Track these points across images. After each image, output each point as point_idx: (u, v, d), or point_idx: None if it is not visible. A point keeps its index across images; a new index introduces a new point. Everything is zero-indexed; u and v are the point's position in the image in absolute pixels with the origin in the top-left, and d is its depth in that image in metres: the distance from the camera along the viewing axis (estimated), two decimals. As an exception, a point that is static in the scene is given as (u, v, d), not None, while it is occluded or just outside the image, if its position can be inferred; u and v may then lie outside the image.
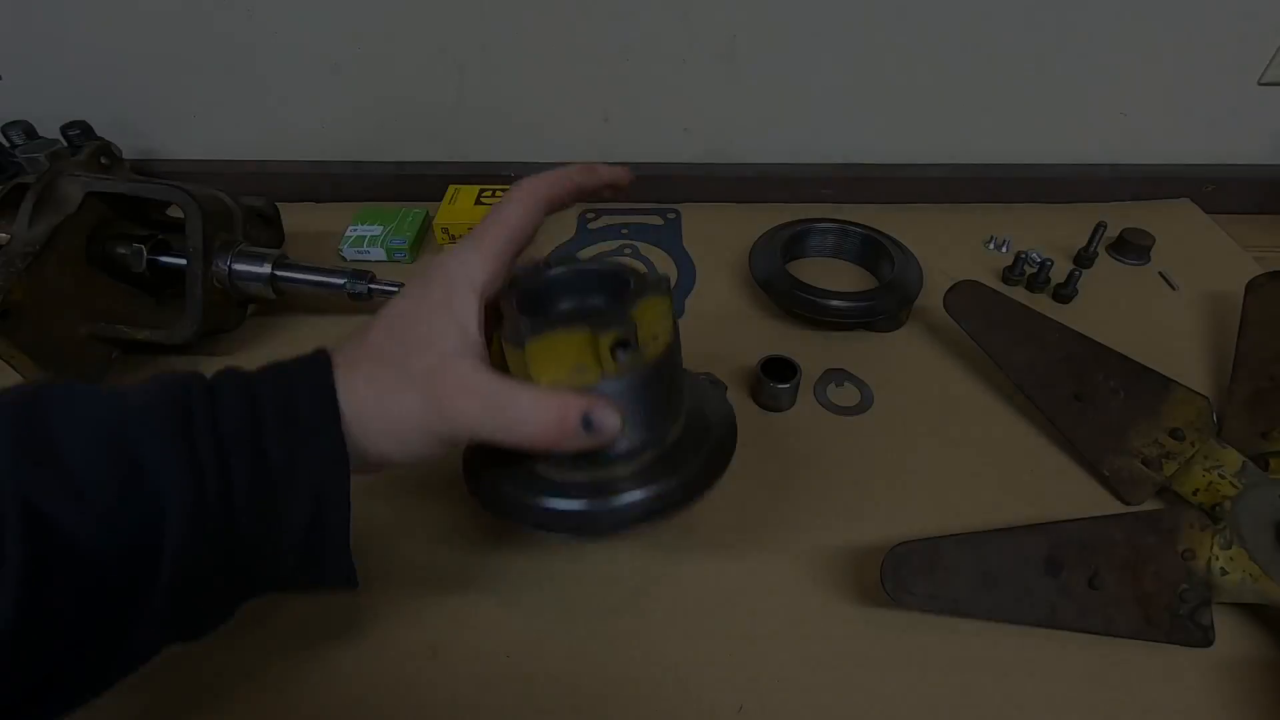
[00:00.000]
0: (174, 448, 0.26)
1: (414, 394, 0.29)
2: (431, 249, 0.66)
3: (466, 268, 0.31)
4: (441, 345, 0.30)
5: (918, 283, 0.58)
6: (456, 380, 0.29)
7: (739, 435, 0.37)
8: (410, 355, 0.30)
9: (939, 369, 0.54)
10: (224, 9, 0.64)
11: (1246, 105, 0.68)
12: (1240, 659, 0.37)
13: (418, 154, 0.74)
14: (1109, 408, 0.46)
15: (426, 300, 0.31)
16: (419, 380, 0.29)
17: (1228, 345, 0.52)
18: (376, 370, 0.30)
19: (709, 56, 0.66)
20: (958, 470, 0.47)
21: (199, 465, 0.26)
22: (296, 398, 0.29)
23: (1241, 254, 0.66)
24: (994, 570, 0.37)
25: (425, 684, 0.36)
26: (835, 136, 0.72)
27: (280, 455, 0.27)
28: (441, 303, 0.30)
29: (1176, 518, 0.39)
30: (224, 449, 0.27)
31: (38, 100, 0.69)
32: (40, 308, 0.48)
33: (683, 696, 0.36)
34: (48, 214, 0.50)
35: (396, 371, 0.30)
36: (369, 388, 0.29)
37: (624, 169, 0.36)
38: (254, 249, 0.55)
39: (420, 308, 0.31)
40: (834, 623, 0.39)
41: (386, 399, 0.29)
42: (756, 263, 0.60)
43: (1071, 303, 0.60)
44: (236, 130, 0.73)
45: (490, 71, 0.68)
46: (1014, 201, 0.72)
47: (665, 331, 0.32)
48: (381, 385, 0.30)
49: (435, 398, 0.29)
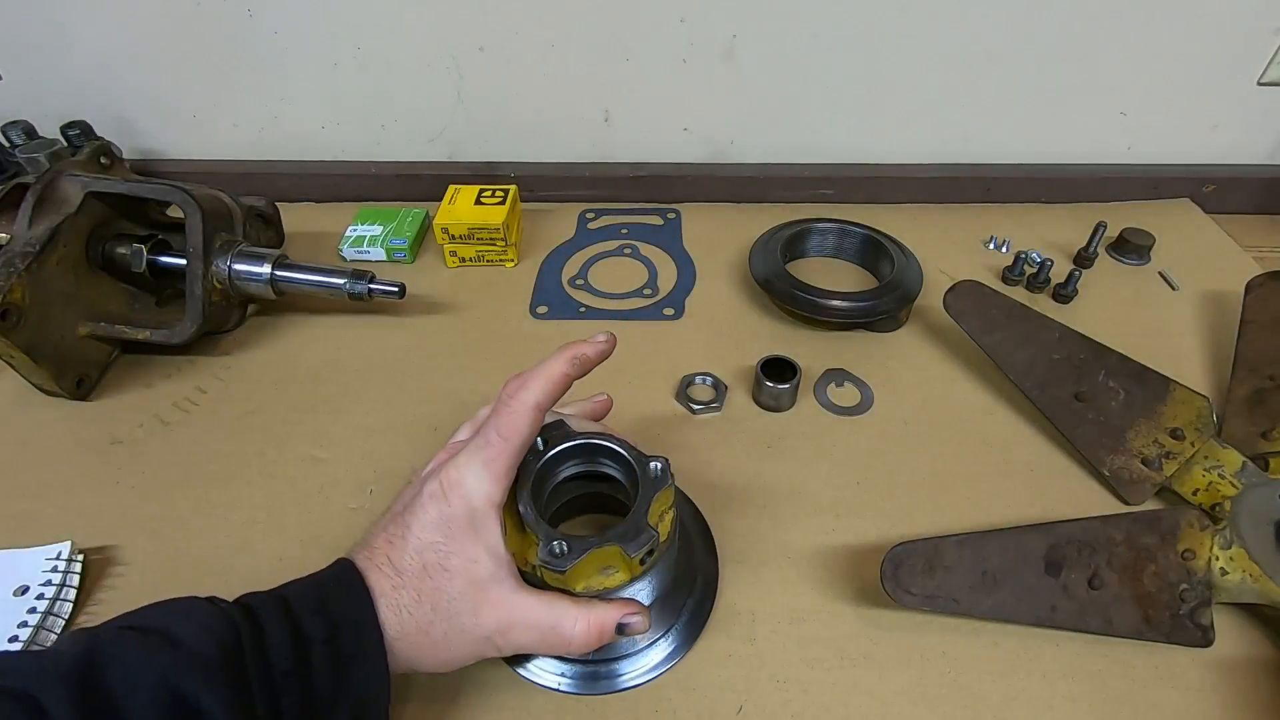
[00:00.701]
0: (228, 695, 0.27)
1: (467, 643, 0.32)
2: (431, 249, 0.66)
3: (484, 487, 0.32)
4: (476, 571, 0.32)
5: (918, 283, 0.58)
6: (508, 614, 0.32)
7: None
8: (455, 601, 0.31)
9: (939, 369, 0.54)
10: (224, 9, 0.64)
11: (1246, 105, 0.68)
12: (1240, 659, 0.37)
13: (418, 154, 0.74)
14: (1109, 408, 0.46)
15: (453, 526, 0.32)
16: (469, 631, 0.32)
17: (1228, 345, 0.52)
18: (418, 609, 0.31)
19: (709, 56, 0.66)
20: (958, 470, 0.47)
21: (251, 707, 0.27)
22: (340, 630, 0.30)
23: (1241, 254, 0.66)
24: (994, 570, 0.37)
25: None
26: (835, 136, 0.72)
27: (326, 686, 0.29)
28: (467, 527, 0.32)
29: (1176, 518, 0.39)
30: (274, 689, 0.28)
31: (38, 100, 0.69)
32: (40, 308, 0.48)
33: (683, 696, 0.36)
34: (48, 214, 0.50)
35: (446, 622, 0.31)
36: (412, 620, 0.31)
37: (608, 337, 0.36)
38: (254, 249, 0.55)
39: (449, 537, 0.32)
40: (834, 622, 0.39)
41: (437, 640, 0.32)
42: (756, 263, 0.60)
43: (1071, 303, 0.60)
44: (236, 130, 0.73)
45: (490, 71, 0.68)
46: (1014, 201, 0.72)
47: (670, 508, 0.35)
48: (427, 629, 0.31)
49: (488, 637, 0.32)
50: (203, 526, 0.44)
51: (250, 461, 0.48)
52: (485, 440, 0.33)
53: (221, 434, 0.50)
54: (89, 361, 0.52)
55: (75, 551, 0.41)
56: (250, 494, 0.46)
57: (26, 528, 0.43)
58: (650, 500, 0.33)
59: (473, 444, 0.33)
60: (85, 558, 0.41)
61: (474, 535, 0.32)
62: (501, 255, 0.64)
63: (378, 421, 0.50)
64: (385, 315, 0.59)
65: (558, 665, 0.37)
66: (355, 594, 0.31)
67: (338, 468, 0.47)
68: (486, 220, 0.62)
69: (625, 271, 0.64)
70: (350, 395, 0.52)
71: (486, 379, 0.53)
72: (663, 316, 0.59)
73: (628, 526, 0.33)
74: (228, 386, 0.53)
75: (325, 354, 0.56)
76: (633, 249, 0.67)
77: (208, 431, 0.50)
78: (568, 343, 0.35)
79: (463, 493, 0.32)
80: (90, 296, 0.52)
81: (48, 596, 0.39)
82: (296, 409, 0.51)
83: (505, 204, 0.63)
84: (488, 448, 0.32)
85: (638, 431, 0.48)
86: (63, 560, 0.40)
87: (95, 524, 0.44)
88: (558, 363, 0.34)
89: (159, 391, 0.53)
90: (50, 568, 0.40)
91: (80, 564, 0.41)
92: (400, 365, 0.55)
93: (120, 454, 0.48)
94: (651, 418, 0.50)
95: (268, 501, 0.45)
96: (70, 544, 0.41)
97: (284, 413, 0.51)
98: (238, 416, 0.51)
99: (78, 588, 0.40)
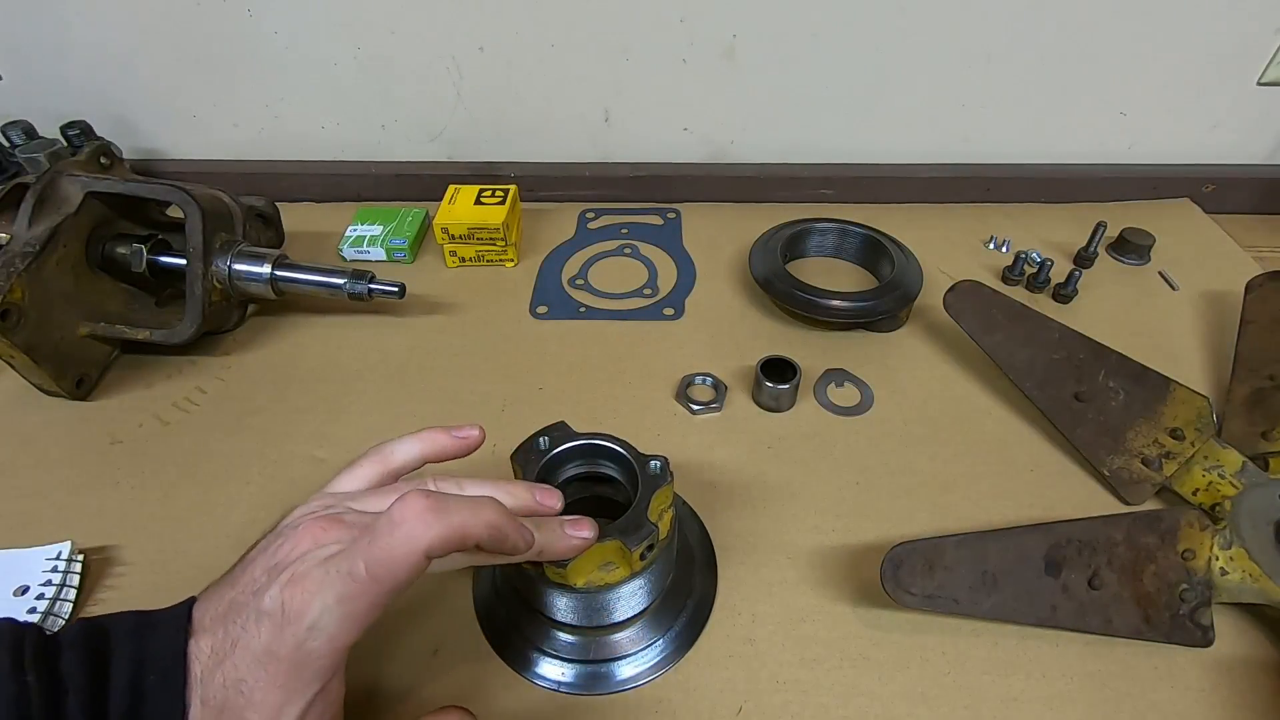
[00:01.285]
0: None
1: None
2: (431, 249, 0.66)
3: (329, 628, 0.26)
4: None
5: (918, 283, 0.58)
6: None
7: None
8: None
9: (939, 369, 0.54)
10: (224, 9, 0.64)
11: (1246, 105, 0.68)
12: (1240, 659, 0.37)
13: (418, 154, 0.74)
14: (1109, 408, 0.46)
15: (271, 667, 0.27)
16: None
17: (1228, 345, 0.52)
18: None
19: (709, 56, 0.66)
20: (958, 470, 0.47)
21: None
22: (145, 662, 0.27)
23: (1241, 254, 0.66)
24: (994, 570, 0.37)
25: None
26: (835, 136, 0.72)
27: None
28: (290, 673, 0.26)
29: (1176, 518, 0.39)
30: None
31: (38, 100, 0.69)
32: (40, 308, 0.48)
33: (683, 697, 0.36)
34: (48, 214, 0.50)
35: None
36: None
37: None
38: (254, 249, 0.55)
39: (259, 683, 0.27)
40: (834, 623, 0.39)
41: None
42: (756, 262, 0.60)
43: (1071, 303, 0.60)
44: (236, 130, 0.73)
45: (490, 71, 0.68)
46: (1014, 201, 0.72)
47: (669, 506, 0.35)
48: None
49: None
50: (203, 526, 0.44)
51: (250, 461, 0.48)
52: (350, 567, 0.26)
53: (221, 434, 0.50)
54: (89, 361, 0.52)
55: (75, 551, 0.41)
56: (250, 494, 0.46)
57: (26, 528, 0.43)
58: (650, 497, 0.34)
59: (337, 559, 0.26)
60: (85, 558, 0.41)
61: (293, 687, 0.26)
62: (501, 255, 0.64)
63: (378, 421, 0.50)
64: (385, 315, 0.59)
65: (558, 665, 0.37)
66: (171, 686, 0.26)
67: (338, 468, 0.47)
68: (486, 220, 0.62)
69: (625, 271, 0.64)
70: (350, 395, 0.52)
71: (486, 379, 0.54)
72: (663, 316, 0.59)
73: (628, 522, 0.33)
74: (228, 386, 0.53)
75: (325, 354, 0.56)
76: (633, 249, 0.67)
77: (208, 431, 0.50)
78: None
79: (300, 627, 0.25)
80: (90, 296, 0.52)
81: (48, 596, 0.39)
82: (296, 409, 0.51)
83: (505, 204, 0.63)
84: (351, 581, 0.26)
85: (638, 431, 0.48)
86: (63, 560, 0.40)
87: (95, 524, 0.44)
88: (482, 509, 0.28)
89: (159, 391, 0.53)
90: (50, 568, 0.40)
91: (80, 564, 0.41)
92: (400, 365, 0.55)
93: (120, 454, 0.48)
94: (651, 418, 0.50)
95: (268, 501, 0.45)
96: (70, 544, 0.41)
97: (284, 413, 0.51)
98: (238, 416, 0.51)
99: (78, 588, 0.40)
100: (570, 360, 0.55)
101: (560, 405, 0.51)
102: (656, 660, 0.37)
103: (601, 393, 0.52)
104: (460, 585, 0.41)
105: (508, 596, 0.39)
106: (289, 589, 0.26)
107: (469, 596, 0.40)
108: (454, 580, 0.41)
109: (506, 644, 0.38)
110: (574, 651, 0.37)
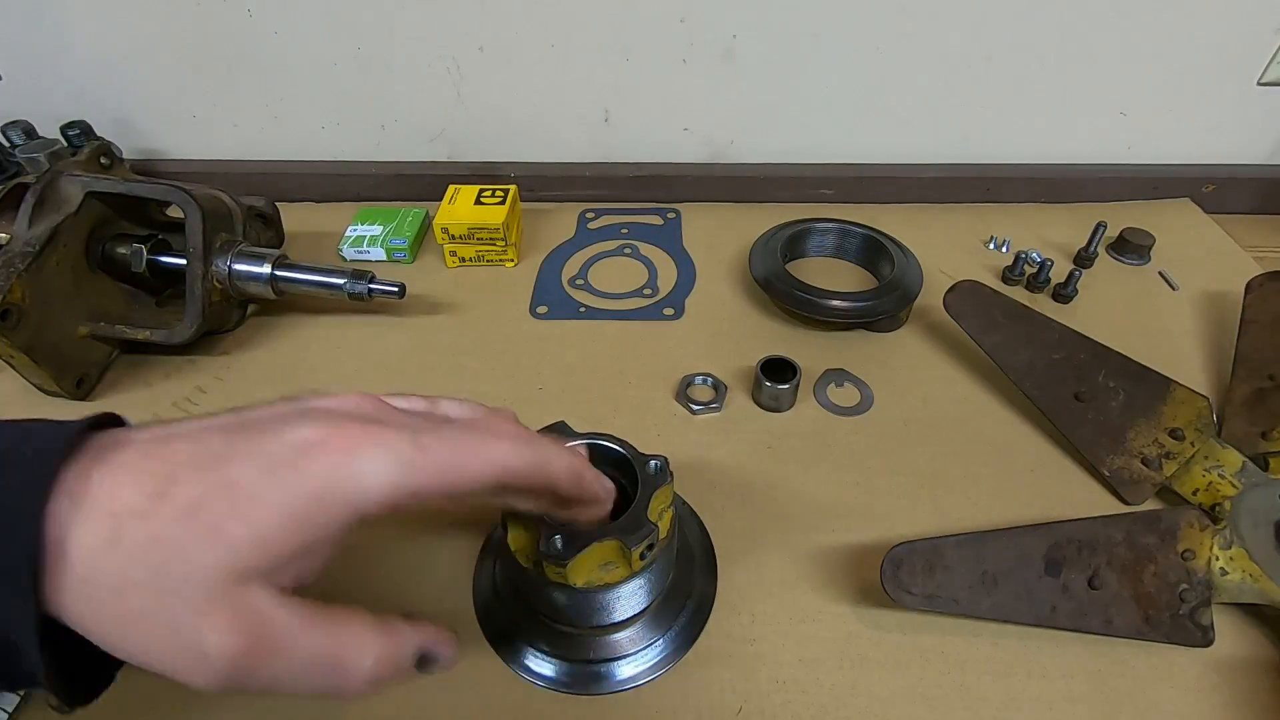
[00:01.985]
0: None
1: (166, 643, 0.21)
2: (431, 249, 0.66)
3: (386, 476, 0.22)
4: (246, 555, 0.22)
5: (918, 283, 0.58)
6: (262, 631, 0.22)
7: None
8: (191, 576, 0.21)
9: (939, 369, 0.54)
10: (224, 9, 0.64)
11: (1246, 105, 0.68)
12: (1240, 659, 0.37)
13: (418, 154, 0.74)
14: (1109, 408, 0.46)
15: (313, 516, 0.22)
16: (180, 629, 0.21)
17: (1228, 345, 0.52)
18: (132, 555, 0.20)
19: (709, 56, 0.66)
20: (958, 470, 0.47)
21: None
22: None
23: (1241, 254, 0.66)
24: (994, 570, 0.37)
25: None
26: (835, 136, 0.72)
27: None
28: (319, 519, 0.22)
29: (1176, 518, 0.39)
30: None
31: (38, 100, 0.69)
32: (40, 308, 0.48)
33: (683, 697, 0.36)
34: (48, 214, 0.50)
35: (155, 598, 0.21)
36: (114, 565, 0.20)
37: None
38: (254, 249, 0.55)
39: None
40: (834, 623, 0.39)
41: (127, 615, 0.21)
42: (756, 263, 0.60)
43: (1071, 303, 0.60)
44: (236, 130, 0.73)
45: (490, 71, 0.68)
46: (1014, 201, 0.72)
47: (669, 506, 0.35)
48: (123, 591, 0.20)
49: (206, 655, 0.21)
50: (203, 526, 0.44)
51: (250, 461, 0.48)
52: (424, 440, 0.23)
53: (221, 434, 0.50)
54: (89, 361, 0.52)
55: (75, 551, 0.41)
56: (250, 494, 0.46)
57: (26, 528, 0.43)
58: (650, 497, 0.34)
59: (408, 429, 0.23)
60: (85, 558, 0.41)
61: (292, 524, 0.21)
62: (501, 255, 0.64)
63: (378, 421, 0.50)
64: (385, 315, 0.59)
65: (557, 665, 0.37)
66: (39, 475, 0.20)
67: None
68: (486, 220, 0.62)
69: (625, 271, 0.64)
70: (350, 395, 0.52)
71: (486, 379, 0.53)
72: (662, 316, 0.59)
73: (628, 522, 0.33)
74: (228, 386, 0.53)
75: (325, 354, 0.56)
76: (633, 249, 0.67)
77: (208, 431, 0.50)
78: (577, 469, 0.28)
79: (345, 461, 0.22)
80: (90, 296, 0.52)
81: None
82: (296, 409, 0.51)
83: (505, 204, 0.64)
84: (419, 453, 0.22)
85: (638, 431, 0.48)
86: (63, 560, 0.40)
87: (95, 524, 0.44)
88: (565, 451, 0.26)
89: (159, 391, 0.53)
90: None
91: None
92: (400, 365, 0.55)
93: (120, 454, 0.48)
94: (651, 418, 0.50)
95: (268, 501, 0.45)
96: (70, 544, 0.41)
97: (284, 413, 0.51)
98: (238, 416, 0.51)
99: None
100: (570, 360, 0.55)
101: (560, 405, 0.51)
102: (656, 660, 0.37)
103: (601, 393, 0.52)
104: (461, 585, 0.41)
105: (507, 596, 0.39)
106: (337, 427, 0.22)
107: (469, 596, 0.40)
108: (454, 580, 0.41)
109: (506, 643, 0.38)
110: (574, 651, 0.37)
